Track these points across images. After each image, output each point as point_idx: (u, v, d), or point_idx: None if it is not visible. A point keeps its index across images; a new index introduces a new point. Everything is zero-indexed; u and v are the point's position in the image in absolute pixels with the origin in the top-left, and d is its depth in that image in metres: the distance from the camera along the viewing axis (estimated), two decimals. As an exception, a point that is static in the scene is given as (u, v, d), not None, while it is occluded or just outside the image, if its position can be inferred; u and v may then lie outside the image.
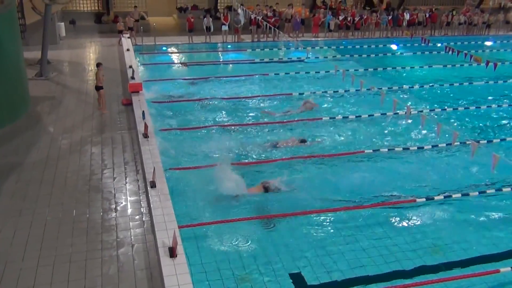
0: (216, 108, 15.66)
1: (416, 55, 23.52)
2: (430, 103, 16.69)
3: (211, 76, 18.99)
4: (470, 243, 9.30)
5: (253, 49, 23.51)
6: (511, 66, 21.19)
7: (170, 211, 8.78)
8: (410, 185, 11.22)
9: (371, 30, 26.55)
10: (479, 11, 28.95)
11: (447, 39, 25.81)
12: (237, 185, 10.86)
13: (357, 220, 9.87)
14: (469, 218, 10.10)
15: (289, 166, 11.96)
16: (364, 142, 13.37)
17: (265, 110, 15.57)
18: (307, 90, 17.47)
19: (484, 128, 14.68)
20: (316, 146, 13.17)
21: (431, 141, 13.08)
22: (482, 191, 10.90)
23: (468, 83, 19.03)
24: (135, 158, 11.53)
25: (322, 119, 14.83)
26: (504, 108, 16.36)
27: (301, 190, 10.88)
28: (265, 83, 18.42)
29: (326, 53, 23.23)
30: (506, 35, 28.36)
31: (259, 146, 13.04)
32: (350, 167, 12.07)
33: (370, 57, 22.93)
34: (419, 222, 9.93)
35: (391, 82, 18.83)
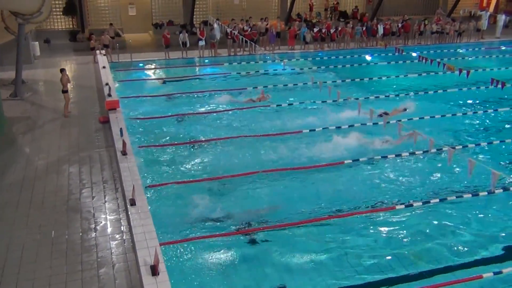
0: (195, 124, 15.63)
1: (391, 64, 23.87)
2: (407, 112, 16.87)
3: (188, 91, 18.98)
4: (452, 249, 9.42)
5: (230, 63, 23.60)
6: (483, 73, 21.64)
7: (151, 228, 8.69)
8: (390, 192, 11.34)
9: (346, 41, 26.89)
10: (450, 20, 29.60)
11: (420, 48, 26.32)
12: (217, 199, 10.87)
13: (339, 229, 9.92)
14: (450, 223, 10.24)
15: (270, 178, 11.99)
16: (344, 152, 13.46)
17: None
18: (284, 102, 17.56)
19: (460, 134, 14.91)
20: (298, 157, 13.20)
21: (409, 148, 13.22)
22: (459, 195, 11.07)
23: (442, 91, 19.36)
24: (114, 176, 11.40)
25: (302, 131, 14.90)
26: (478, 114, 16.65)
27: (282, 203, 10.90)
28: (243, 96, 18.44)
29: (302, 65, 23.43)
30: (477, 42, 29.00)
31: (239, 159, 13.04)
32: (330, 178, 12.14)
33: (346, 67, 23.21)
34: (400, 229, 10.03)
35: (367, 92, 19.05)
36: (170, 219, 10.02)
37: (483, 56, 26.04)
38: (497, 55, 26.47)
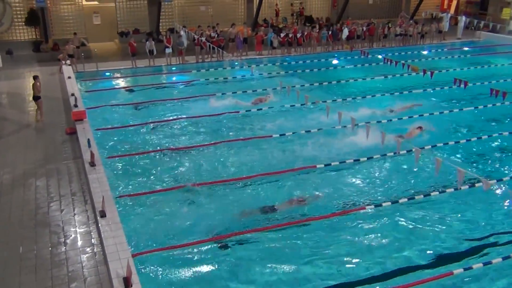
0: (164, 131, 15.53)
1: (357, 67, 24.23)
2: (374, 113, 17.17)
3: (156, 99, 18.83)
4: (422, 247, 9.61)
5: (198, 70, 23.53)
6: (446, 73, 22.19)
7: (123, 239, 8.59)
8: (360, 193, 11.50)
9: (312, 45, 27.17)
10: (413, 22, 30.26)
11: (385, 51, 26.80)
12: (189, 207, 10.83)
13: (312, 232, 9.99)
14: (419, 221, 10.45)
15: (243, 184, 12.01)
16: (315, 156, 13.59)
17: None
18: (253, 108, 17.61)
19: (426, 133, 15.22)
20: (269, 162, 13.27)
21: (378, 151, 13.42)
22: (427, 194, 11.31)
23: (408, 92, 19.76)
24: (83, 188, 11.21)
25: (272, 136, 14.98)
26: (444, 114, 17.03)
27: (256, 208, 10.92)
28: (212, 103, 18.40)
29: (270, 70, 23.55)
30: (439, 44, 29.73)
31: (209, 167, 13.02)
32: (302, 181, 12.23)
33: (313, 71, 23.42)
34: (370, 229, 10.18)
35: (335, 95, 19.28)
36: (142, 229, 9.91)
37: (446, 57, 26.70)
38: (459, 55, 27.18)
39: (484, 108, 17.47)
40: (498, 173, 12.61)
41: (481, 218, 10.60)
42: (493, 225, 10.37)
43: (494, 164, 13.33)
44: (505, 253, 9.26)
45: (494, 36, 30.57)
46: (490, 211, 10.86)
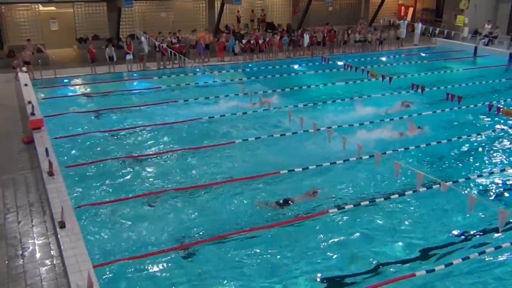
0: (125, 139, 15.30)
1: (318, 73, 24.54)
2: (336, 118, 17.45)
3: (117, 106, 18.54)
4: (384, 249, 9.79)
5: (160, 77, 23.30)
6: (404, 78, 22.77)
7: (83, 250, 8.39)
8: (323, 197, 11.61)
9: (274, 51, 27.38)
10: (372, 29, 30.93)
11: (345, 57, 27.28)
12: (151, 216, 10.71)
13: (277, 237, 10.05)
14: (381, 224, 10.66)
15: (205, 191, 11.96)
16: (279, 161, 13.68)
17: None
18: (217, 114, 17.57)
19: (386, 138, 15.55)
20: (232, 168, 13.28)
21: (340, 155, 13.62)
22: (387, 197, 11.55)
23: (367, 96, 20.15)
24: (41, 198, 10.89)
25: (235, 142, 14.99)
26: (403, 119, 17.40)
27: (218, 215, 10.89)
28: (174, 109, 18.30)
29: (232, 76, 23.58)
30: (397, 50, 30.47)
31: (171, 174, 12.91)
32: (268, 187, 12.28)
33: (275, 77, 23.59)
34: (334, 232, 10.31)
35: (296, 100, 19.46)
36: (103, 240, 9.73)
37: (403, 63, 27.41)
38: (416, 61, 27.96)
39: (442, 112, 17.98)
40: (455, 175, 12.98)
41: (439, 219, 10.90)
42: (451, 226, 10.67)
43: (452, 166, 13.74)
44: (465, 253, 9.55)
45: (449, 43, 31.60)
46: (448, 212, 11.17)
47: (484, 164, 13.86)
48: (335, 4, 34.52)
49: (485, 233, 10.39)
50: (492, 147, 15.09)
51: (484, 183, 12.65)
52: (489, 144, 15.34)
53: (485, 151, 14.83)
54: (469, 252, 9.58)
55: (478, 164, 13.86)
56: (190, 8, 30.23)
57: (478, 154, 14.56)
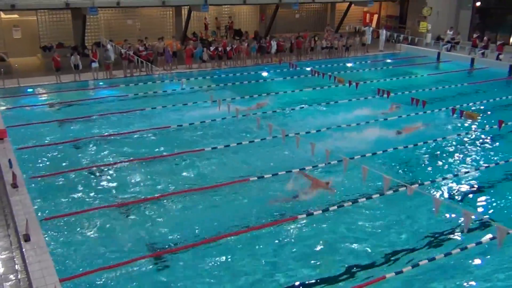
0: (90, 149, 15.04)
1: (286, 79, 24.72)
2: (304, 124, 17.60)
3: (83, 115, 18.22)
4: (354, 253, 9.90)
5: (127, 85, 23.03)
6: (370, 84, 23.15)
7: (49, 264, 8.20)
8: (292, 203, 11.67)
9: (242, 58, 27.46)
10: (338, 35, 31.38)
11: (312, 63, 27.57)
12: (120, 226, 10.55)
13: (245, 244, 10.05)
14: (349, 228, 10.78)
15: (173, 200, 11.87)
16: (248, 168, 13.69)
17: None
18: (185, 122, 17.48)
19: (355, 143, 15.75)
20: (201, 177, 13.22)
21: (309, 160, 13.72)
22: (355, 201, 11.70)
23: (334, 102, 20.40)
24: (5, 211, 10.59)
25: (204, 150, 14.93)
26: (370, 123, 17.69)
27: (187, 223, 10.82)
28: (142, 118, 18.11)
29: (201, 83, 23.51)
30: (363, 56, 31.00)
31: (139, 183, 12.76)
32: (235, 195, 12.27)
33: (244, 84, 23.63)
34: (303, 238, 10.37)
35: (265, 107, 19.54)
36: (70, 252, 9.54)
37: (369, 69, 27.88)
38: (382, 67, 28.50)
39: (407, 117, 18.34)
40: (422, 178, 13.24)
41: (406, 222, 11.10)
42: (418, 228, 10.88)
43: (418, 170, 14.01)
44: (431, 254, 9.74)
45: (413, 48, 32.33)
46: (415, 214, 11.38)
47: (449, 166, 14.19)
48: (302, 11, 34.89)
49: (451, 234, 10.62)
50: (456, 150, 15.48)
51: (449, 186, 12.94)
52: (454, 147, 15.73)
53: (450, 154, 15.20)
54: (436, 253, 9.77)
55: (443, 167, 14.18)
56: (156, 16, 30.05)
57: (443, 157, 14.89)
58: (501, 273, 9.34)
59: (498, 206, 12.00)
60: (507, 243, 9.51)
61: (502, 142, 16.24)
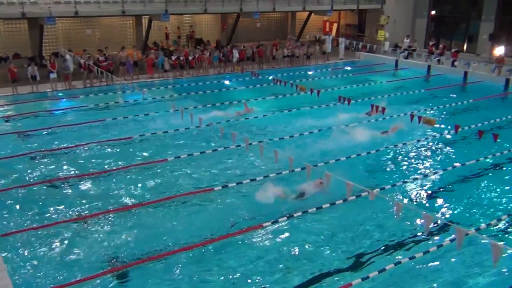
0: (50, 161, 14.67)
1: (249, 88, 24.82)
2: (267, 132, 17.69)
3: (41, 127, 17.75)
4: (320, 260, 9.97)
5: (86, 95, 22.58)
6: (332, 91, 23.51)
7: (7, 282, 7.92)
8: (258, 212, 11.68)
9: (204, 67, 27.43)
10: (299, 44, 31.79)
11: (274, 72, 27.78)
12: (80, 240, 10.32)
13: (211, 254, 9.99)
14: (314, 234, 10.86)
15: (139, 211, 11.70)
16: (212, 178, 13.64)
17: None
18: (147, 132, 17.29)
19: (318, 150, 15.94)
20: (165, 187, 13.09)
21: (273, 169, 13.78)
22: (319, 207, 11.81)
23: (296, 110, 20.59)
24: (-41, 228, 10.20)
25: (168, 160, 14.79)
26: (331, 129, 17.93)
27: (151, 235, 10.68)
28: (102, 129, 17.80)
29: (163, 93, 23.32)
30: (323, 64, 31.50)
31: (100, 196, 12.51)
32: (201, 205, 12.20)
33: (206, 93, 23.59)
34: (268, 245, 10.38)
35: (228, 116, 19.52)
36: (30, 269, 9.24)
37: (330, 76, 28.33)
38: (342, 74, 29.00)
39: (368, 123, 18.68)
40: (383, 183, 13.49)
41: (369, 226, 11.28)
42: (381, 232, 11.07)
43: (380, 175, 14.28)
44: (396, 258, 9.92)
45: (372, 56, 33.06)
46: (377, 219, 11.58)
47: (409, 171, 14.53)
48: (263, 20, 35.17)
49: (413, 238, 10.85)
50: (415, 155, 15.87)
51: (410, 190, 13.25)
52: (413, 151, 16.12)
53: (410, 158, 15.56)
54: (401, 257, 9.96)
55: (404, 171, 14.51)
56: (116, 25, 29.68)
57: (403, 162, 15.24)
58: (463, 273, 9.60)
59: (457, 208, 12.36)
60: (466, 244, 9.82)
61: (458, 146, 16.77)
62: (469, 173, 14.36)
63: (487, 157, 15.35)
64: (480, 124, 18.48)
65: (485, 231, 11.11)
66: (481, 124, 18.50)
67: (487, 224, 11.39)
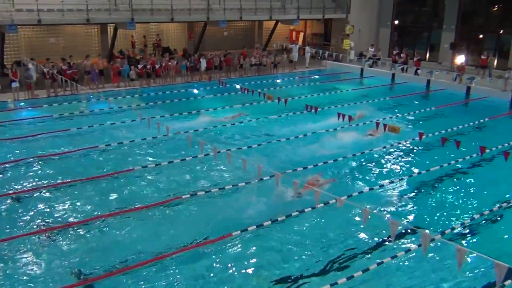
0: (13, 173, 14.25)
1: (217, 96, 24.77)
2: (236, 141, 17.68)
3: (3, 138, 17.25)
4: (287, 268, 9.97)
5: (50, 105, 22.09)
6: (299, 100, 23.71)
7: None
8: (227, 221, 11.63)
9: (171, 76, 27.25)
10: (266, 53, 31.98)
11: (242, 80, 27.85)
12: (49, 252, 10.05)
13: (180, 264, 9.88)
14: (283, 242, 10.86)
15: (105, 223, 11.46)
16: (180, 187, 13.51)
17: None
18: (114, 141, 17.01)
19: (286, 158, 16.01)
20: (130, 198, 12.88)
21: (243, 177, 13.76)
22: (288, 215, 11.84)
23: (264, 118, 20.66)
24: None
25: (134, 169, 14.58)
26: (299, 138, 18.08)
27: (119, 246, 10.49)
28: (67, 138, 17.41)
29: (129, 102, 23.00)
30: (290, 73, 31.78)
31: (64, 208, 12.22)
32: (169, 214, 12.06)
33: (174, 102, 23.42)
34: (235, 254, 10.34)
35: (196, 125, 19.42)
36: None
37: (297, 85, 28.60)
38: (309, 83, 29.34)
39: (335, 131, 18.89)
40: (351, 190, 13.63)
41: (337, 234, 11.36)
42: (349, 239, 11.16)
43: (348, 182, 14.43)
44: (364, 265, 10.00)
45: (338, 65, 33.57)
46: (345, 226, 11.69)
47: (376, 177, 14.74)
48: (230, 29, 35.26)
49: (381, 244, 10.98)
50: (382, 162, 16.13)
51: (376, 196, 13.42)
52: (379, 158, 16.38)
53: (376, 165, 15.79)
54: (369, 264, 10.06)
55: (371, 178, 14.70)
56: (81, 33, 29.17)
57: (370, 169, 15.45)
58: (430, 277, 9.77)
59: (423, 213, 12.60)
60: (432, 249, 10.01)
61: (423, 152, 17.14)
62: (434, 179, 14.68)
63: (450, 163, 15.73)
64: (444, 131, 18.98)
65: (450, 235, 11.36)
66: (444, 131, 18.99)
67: (451, 228, 11.65)
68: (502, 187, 14.17)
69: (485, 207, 12.78)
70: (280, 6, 33.44)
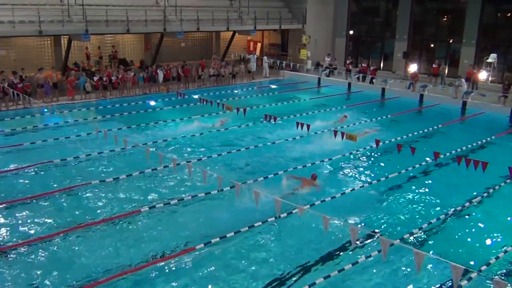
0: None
1: (175, 108, 24.56)
2: (195, 152, 17.56)
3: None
4: (250, 277, 9.94)
5: (2, 119, 21.34)
6: (258, 109, 23.82)
7: None
8: (189, 233, 11.51)
9: (128, 88, 26.86)
10: (224, 63, 32.02)
11: (201, 91, 27.75)
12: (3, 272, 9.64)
13: (144, 280, 9.66)
14: (241, 254, 10.83)
15: (60, 240, 11.13)
16: (140, 200, 13.30)
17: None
18: (69, 156, 16.55)
19: (246, 168, 16.02)
20: (91, 212, 12.55)
21: (202, 188, 13.67)
22: (250, 226, 11.83)
23: (224, 129, 20.63)
24: None
25: (92, 183, 14.24)
26: (259, 147, 18.15)
27: (76, 264, 10.20)
28: (20, 154, 16.83)
29: (85, 115, 22.47)
30: (249, 83, 31.91)
31: (19, 225, 11.79)
32: (128, 228, 11.82)
33: (131, 114, 23.06)
34: (199, 267, 10.24)
35: (155, 137, 19.21)
36: None
37: (256, 95, 28.71)
38: (267, 93, 29.51)
39: (294, 140, 19.05)
40: (312, 199, 13.74)
41: (299, 242, 11.42)
42: (310, 246, 11.23)
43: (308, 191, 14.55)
44: (326, 271, 10.09)
45: (295, 75, 33.97)
46: (308, 233, 11.76)
47: (335, 185, 14.91)
48: (187, 40, 35.14)
49: (342, 251, 11.10)
50: (340, 169, 16.37)
51: (337, 203, 13.58)
52: (337, 166, 16.61)
53: (335, 173, 16.03)
54: (330, 271, 10.14)
55: (331, 186, 14.85)
56: (33, 46, 28.35)
57: (330, 177, 15.64)
58: (390, 281, 9.94)
59: (382, 219, 12.84)
60: (392, 253, 10.19)
61: (380, 159, 17.51)
62: (391, 185, 15.01)
63: (408, 169, 16.13)
64: (399, 137, 19.46)
65: (408, 239, 11.61)
66: (400, 138, 19.48)
67: (410, 233, 11.91)
68: (456, 191, 14.63)
69: (440, 211, 13.17)
70: (237, 17, 33.64)
